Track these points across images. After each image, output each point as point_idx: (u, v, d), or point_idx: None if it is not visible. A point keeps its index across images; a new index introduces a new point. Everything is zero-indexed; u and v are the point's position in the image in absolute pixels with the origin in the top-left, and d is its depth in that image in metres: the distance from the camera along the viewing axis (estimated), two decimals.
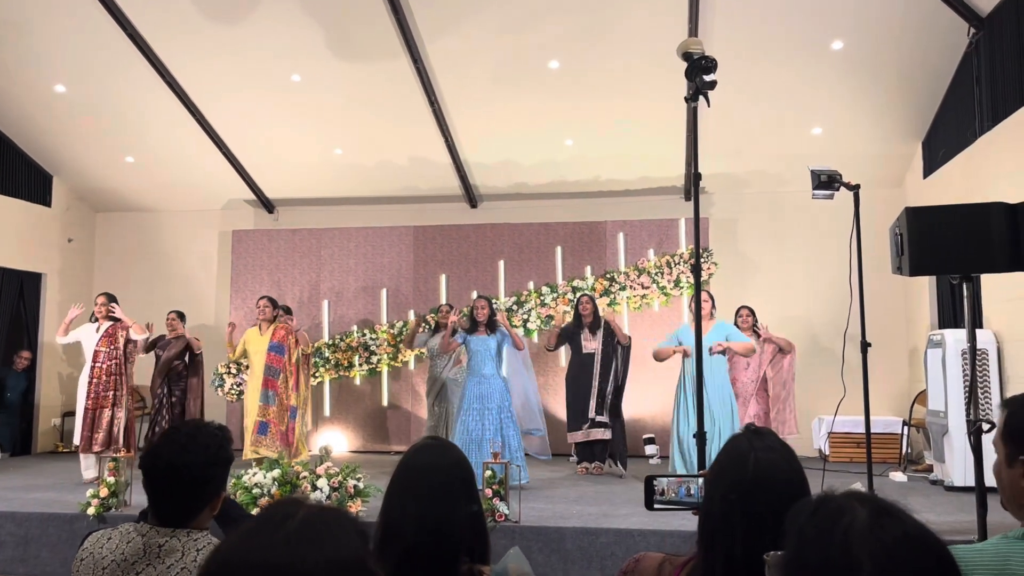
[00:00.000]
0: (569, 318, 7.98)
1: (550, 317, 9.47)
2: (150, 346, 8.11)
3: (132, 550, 1.76)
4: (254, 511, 5.13)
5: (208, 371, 9.36)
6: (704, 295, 6.83)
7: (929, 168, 8.36)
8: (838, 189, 4.51)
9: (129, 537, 1.80)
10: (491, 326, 7.10)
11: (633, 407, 8.83)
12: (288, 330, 7.66)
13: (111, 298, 7.42)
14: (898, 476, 7.14)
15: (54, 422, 10.01)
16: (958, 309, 7.52)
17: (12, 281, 9.57)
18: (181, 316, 8.30)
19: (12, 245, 9.50)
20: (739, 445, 1.51)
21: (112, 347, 7.21)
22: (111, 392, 7.14)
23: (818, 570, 0.93)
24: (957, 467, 6.37)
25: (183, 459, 1.78)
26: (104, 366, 7.14)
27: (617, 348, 7.63)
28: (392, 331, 9.78)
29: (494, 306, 7.51)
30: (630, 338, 7.79)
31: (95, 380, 7.13)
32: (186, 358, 8.17)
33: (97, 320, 7.34)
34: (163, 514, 1.81)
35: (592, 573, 4.94)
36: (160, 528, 1.79)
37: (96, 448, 6.95)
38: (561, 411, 8.29)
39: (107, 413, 7.08)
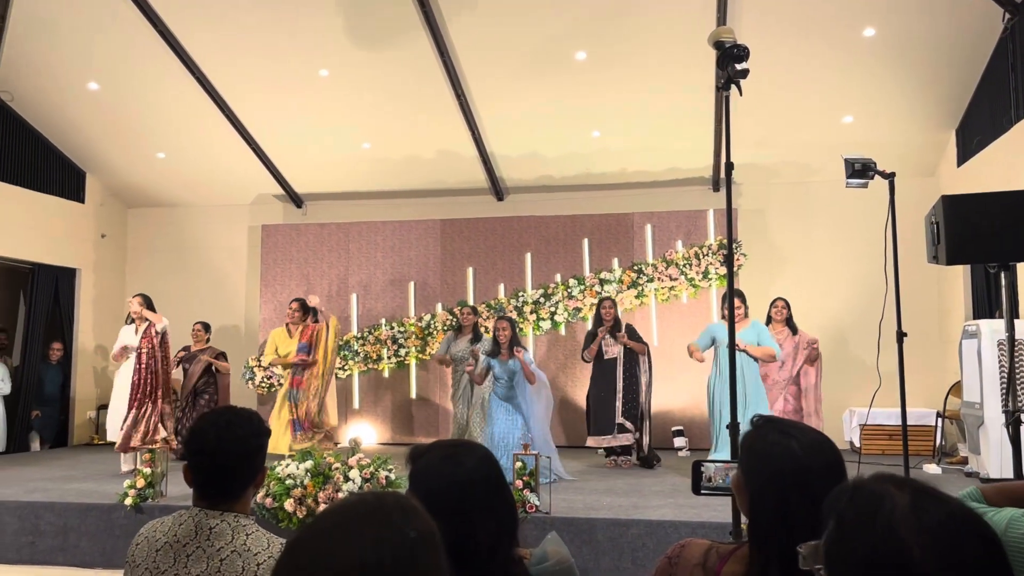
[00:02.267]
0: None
1: (577, 309, 9.46)
2: (177, 362, 8.20)
3: (184, 532, 1.81)
4: (287, 502, 5.19)
5: (237, 366, 9.50)
6: (736, 302, 6.68)
7: (963, 156, 8.23)
8: (872, 177, 4.45)
9: (182, 520, 1.85)
10: (513, 348, 6.89)
11: (661, 400, 8.79)
12: (314, 328, 7.79)
13: (147, 301, 7.45)
14: (932, 468, 7.06)
15: (89, 415, 10.18)
16: (993, 299, 7.41)
17: (48, 277, 9.75)
18: (206, 327, 8.39)
19: (47, 241, 9.67)
20: (772, 437, 1.50)
21: (151, 346, 7.27)
22: (153, 391, 7.21)
23: (865, 558, 0.92)
24: (993, 459, 6.28)
25: (231, 433, 1.83)
26: (146, 365, 7.19)
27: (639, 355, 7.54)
28: (420, 324, 9.82)
29: (517, 329, 7.28)
30: (647, 345, 7.63)
31: (138, 380, 7.15)
32: (213, 369, 8.32)
33: (134, 321, 7.40)
34: (212, 495, 1.85)
35: (623, 564, 4.94)
36: (210, 511, 1.84)
37: (134, 444, 7.02)
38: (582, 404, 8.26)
39: (148, 408, 7.16)
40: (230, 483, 1.85)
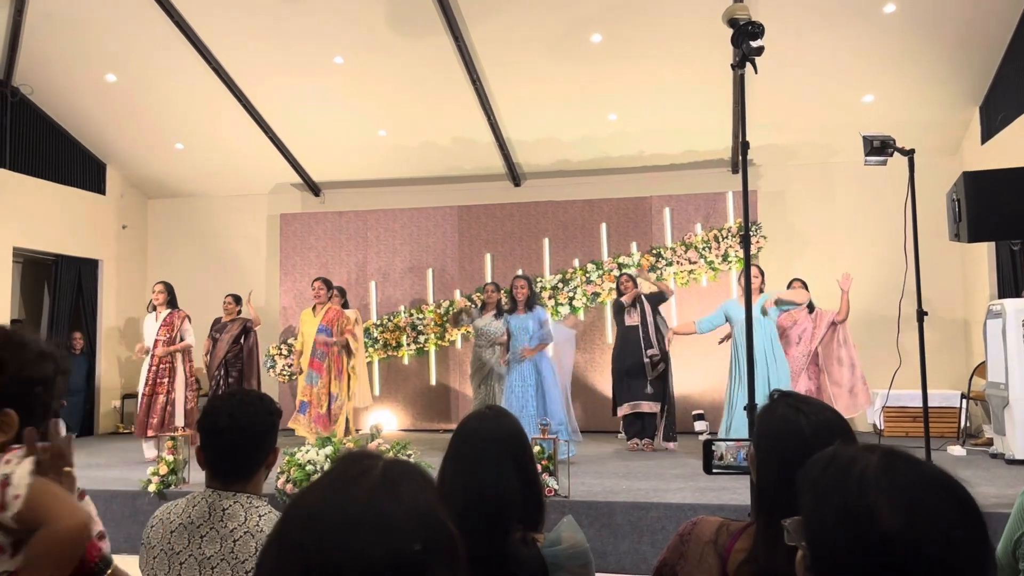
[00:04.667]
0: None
1: (596, 294, 9.44)
2: (209, 329, 8.35)
3: (198, 513, 1.83)
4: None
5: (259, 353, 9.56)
6: (754, 270, 6.76)
7: (988, 133, 8.09)
8: (891, 155, 4.38)
9: (195, 502, 1.87)
10: (530, 305, 7.15)
11: (682, 383, 8.77)
12: (338, 313, 7.76)
13: (169, 288, 7.54)
14: (956, 450, 6.99)
15: (114, 404, 10.32)
16: (1019, 277, 7.30)
17: (71, 268, 9.86)
18: (237, 299, 8.53)
19: (69, 233, 9.78)
20: (782, 411, 1.49)
21: (169, 335, 7.36)
22: (166, 379, 7.30)
23: (836, 521, 0.92)
24: (1019, 440, 6.20)
25: (243, 411, 1.85)
26: (160, 352, 7.30)
27: (657, 315, 7.67)
28: (439, 311, 9.84)
29: (534, 287, 7.52)
30: (671, 291, 7.98)
31: (152, 367, 7.30)
32: (242, 340, 8.38)
33: (155, 309, 7.49)
34: (224, 475, 1.87)
35: (643, 547, 4.94)
36: (223, 492, 1.85)
37: (150, 432, 7.12)
38: (607, 388, 8.26)
39: (161, 399, 7.24)
40: (242, 462, 1.86)
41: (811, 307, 7.33)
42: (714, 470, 1.74)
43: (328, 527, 0.77)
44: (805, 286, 7.41)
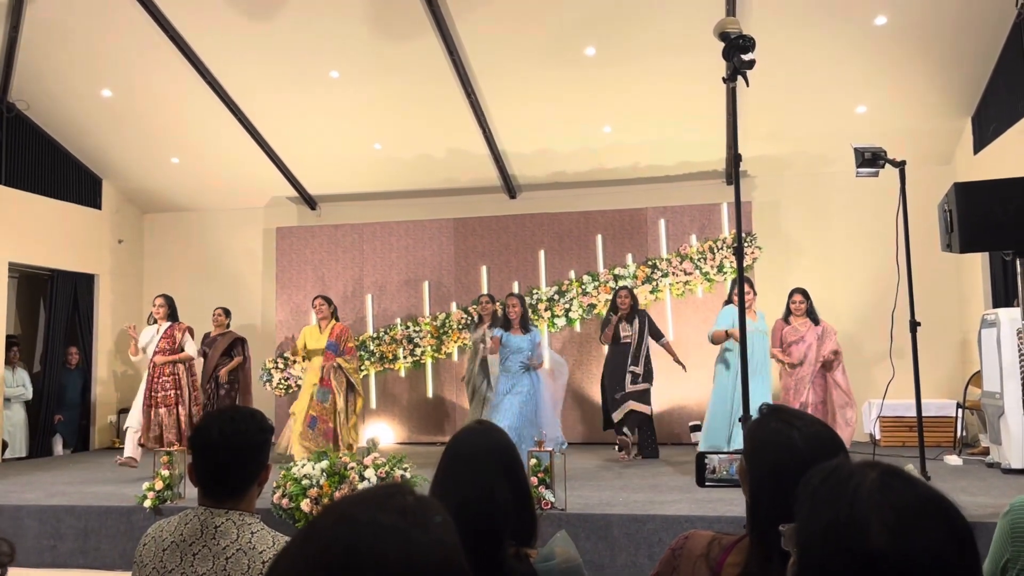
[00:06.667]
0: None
1: (592, 306, 9.45)
2: (199, 344, 8.29)
3: (190, 531, 1.83)
4: (303, 502, 5.22)
5: (256, 367, 9.55)
6: (746, 288, 6.75)
7: (980, 143, 8.14)
8: (883, 166, 4.41)
9: (187, 519, 1.86)
10: (524, 325, 7.16)
11: (678, 395, 8.78)
12: (343, 330, 7.74)
13: (170, 302, 7.47)
14: (953, 459, 6.98)
15: (110, 419, 10.29)
16: (1012, 287, 7.32)
17: (66, 283, 9.85)
18: (227, 312, 8.50)
19: (65, 248, 9.78)
20: (774, 425, 1.49)
21: (170, 347, 7.27)
22: (171, 391, 7.19)
23: (825, 530, 0.92)
24: (1015, 449, 6.20)
25: (234, 427, 1.85)
26: (160, 368, 7.22)
27: (647, 336, 7.74)
28: (435, 323, 9.84)
29: (526, 305, 7.59)
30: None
31: (153, 380, 7.21)
32: (233, 354, 8.35)
33: (156, 321, 7.43)
34: (216, 492, 1.86)
35: (639, 559, 4.93)
36: (215, 509, 1.85)
37: (149, 445, 7.05)
38: (599, 397, 8.25)
39: (163, 411, 7.13)
40: (234, 480, 1.86)
41: (815, 319, 7.14)
42: (707, 483, 1.75)
43: (359, 527, 0.84)
44: (807, 295, 7.28)
